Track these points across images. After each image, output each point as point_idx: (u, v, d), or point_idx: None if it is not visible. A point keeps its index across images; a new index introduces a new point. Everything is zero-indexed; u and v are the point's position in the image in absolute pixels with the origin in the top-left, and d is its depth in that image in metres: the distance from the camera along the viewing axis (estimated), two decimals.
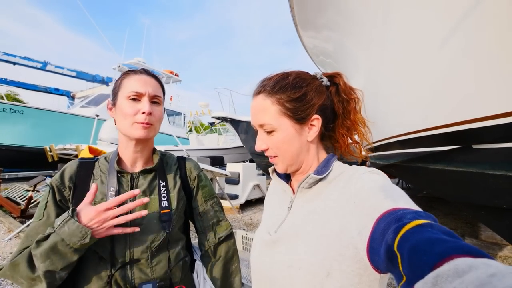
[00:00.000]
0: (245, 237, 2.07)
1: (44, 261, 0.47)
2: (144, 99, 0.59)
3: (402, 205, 0.32)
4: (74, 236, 0.47)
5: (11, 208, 3.68)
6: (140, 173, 0.62)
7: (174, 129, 9.41)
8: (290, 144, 0.46)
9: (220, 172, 3.55)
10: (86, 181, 0.60)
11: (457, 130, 1.39)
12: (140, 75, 0.60)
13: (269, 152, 0.48)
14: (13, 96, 17.43)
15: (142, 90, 0.58)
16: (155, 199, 0.62)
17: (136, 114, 0.58)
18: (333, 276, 0.38)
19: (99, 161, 0.63)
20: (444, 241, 0.23)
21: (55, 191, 0.57)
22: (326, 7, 1.73)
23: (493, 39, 1.10)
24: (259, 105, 0.47)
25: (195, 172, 0.72)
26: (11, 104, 7.22)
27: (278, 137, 0.46)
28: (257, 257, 0.50)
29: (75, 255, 0.49)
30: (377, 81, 1.90)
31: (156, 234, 0.59)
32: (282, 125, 0.45)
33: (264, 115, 0.46)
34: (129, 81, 0.59)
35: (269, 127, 0.46)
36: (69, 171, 0.60)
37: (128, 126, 0.58)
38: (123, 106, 0.58)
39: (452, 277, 0.18)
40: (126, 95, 0.58)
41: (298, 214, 0.46)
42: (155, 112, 0.60)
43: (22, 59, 9.44)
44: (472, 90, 1.26)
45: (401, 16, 1.40)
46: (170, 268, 0.60)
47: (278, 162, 0.48)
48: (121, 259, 0.56)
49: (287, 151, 0.46)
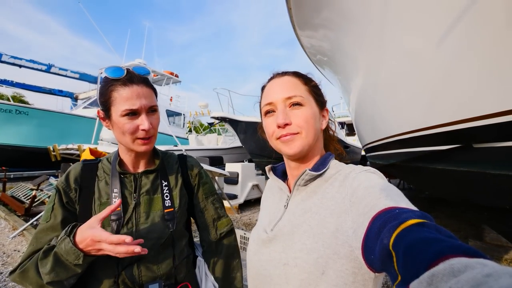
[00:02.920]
0: (243, 237, 2.06)
1: (49, 273, 0.47)
2: (142, 115, 0.56)
3: (398, 204, 0.32)
4: (69, 255, 0.47)
5: (16, 206, 3.75)
6: (143, 174, 0.63)
7: (174, 129, 9.46)
8: (315, 121, 0.47)
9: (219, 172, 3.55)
10: (91, 183, 0.60)
11: (457, 129, 1.36)
12: (131, 87, 0.55)
13: (291, 128, 0.45)
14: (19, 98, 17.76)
15: (137, 106, 0.55)
16: (158, 198, 0.63)
17: (136, 132, 0.56)
18: (328, 274, 0.38)
19: (102, 162, 0.64)
20: (440, 240, 0.23)
21: (61, 194, 0.58)
22: (323, 6, 1.71)
23: (494, 36, 1.07)
24: (288, 81, 0.48)
25: (196, 170, 0.72)
26: (16, 105, 7.36)
27: (307, 111, 0.46)
28: (253, 255, 0.50)
29: (77, 268, 0.48)
30: (376, 80, 1.88)
31: (162, 232, 0.60)
32: (310, 102, 0.47)
33: (295, 88, 0.47)
34: (120, 96, 0.55)
35: (299, 99, 0.46)
36: (74, 173, 0.60)
37: (129, 142, 0.57)
38: (121, 124, 0.55)
39: (447, 277, 0.18)
40: (121, 113, 0.54)
41: (294, 212, 0.46)
42: (153, 122, 0.58)
43: (27, 61, 9.61)
44: (473, 88, 1.23)
45: (399, 14, 1.38)
46: (175, 265, 0.60)
47: (299, 139, 0.45)
48: (129, 257, 0.55)
49: (312, 128, 0.46)
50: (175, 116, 10.47)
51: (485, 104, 1.19)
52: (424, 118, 1.58)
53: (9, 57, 9.17)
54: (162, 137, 8.68)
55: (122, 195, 0.59)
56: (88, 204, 0.58)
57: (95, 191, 0.60)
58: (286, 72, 0.50)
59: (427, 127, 1.56)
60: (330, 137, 0.55)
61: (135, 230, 0.58)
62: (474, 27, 1.11)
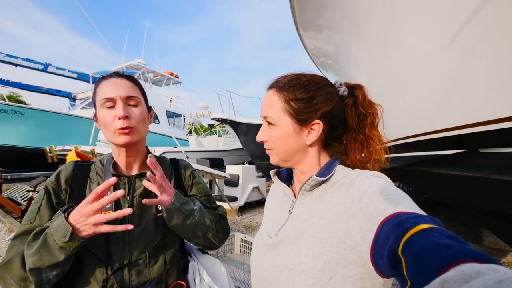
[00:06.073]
0: (243, 240, 2.02)
1: (33, 254, 0.46)
2: (118, 103, 0.57)
3: (407, 209, 0.32)
4: (58, 231, 0.46)
5: (12, 208, 3.68)
6: (137, 176, 0.62)
7: (174, 130, 9.41)
8: (285, 141, 0.47)
9: (219, 174, 3.52)
10: (83, 184, 0.59)
11: (463, 134, 1.35)
12: (110, 79, 0.58)
13: (267, 145, 0.50)
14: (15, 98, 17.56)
15: (113, 94, 0.56)
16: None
17: (113, 121, 0.56)
18: (335, 280, 0.37)
19: (95, 164, 0.63)
20: (450, 246, 0.22)
21: (51, 194, 0.56)
22: (327, 7, 1.70)
23: (503, 39, 1.06)
24: (267, 99, 0.49)
25: (189, 171, 0.73)
26: (12, 105, 7.26)
27: (276, 132, 0.47)
28: (258, 260, 0.50)
29: (61, 253, 0.47)
30: (380, 83, 1.86)
31: (154, 235, 0.60)
32: (282, 121, 0.46)
33: (269, 109, 0.48)
34: (101, 88, 0.58)
35: (270, 120, 0.48)
36: (65, 173, 0.59)
37: (111, 135, 0.57)
38: (101, 116, 0.57)
39: (458, 283, 0.17)
40: (100, 104, 0.57)
41: (299, 217, 0.46)
42: (132, 114, 0.58)
43: (23, 60, 9.50)
44: (480, 92, 1.22)
45: (405, 17, 1.36)
46: (166, 270, 0.60)
47: (272, 155, 0.50)
48: (120, 260, 0.55)
49: (282, 148, 0.48)
50: (175, 117, 10.42)
51: (493, 108, 1.18)
52: (429, 122, 1.57)
53: (4, 55, 9.06)
54: (162, 138, 8.63)
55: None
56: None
57: (87, 193, 0.58)
58: (272, 85, 0.49)
59: (432, 131, 1.55)
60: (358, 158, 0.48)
61: (128, 233, 0.58)
62: (480, 31, 1.10)
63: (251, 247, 2.04)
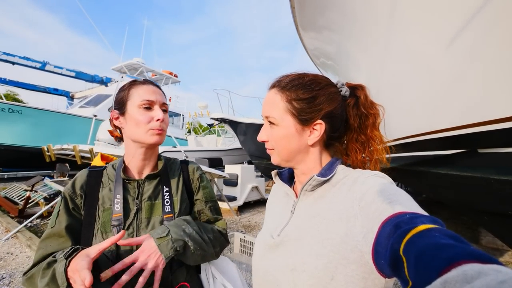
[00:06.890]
0: (243, 239, 2.02)
1: (44, 286, 0.49)
2: (156, 107, 0.63)
3: (408, 209, 0.32)
4: (59, 278, 0.48)
5: (9, 208, 3.65)
6: (146, 179, 0.65)
7: (173, 130, 9.41)
8: (287, 141, 0.47)
9: (218, 174, 3.52)
10: (96, 189, 0.63)
11: (462, 134, 1.36)
12: (148, 85, 0.65)
13: (268, 145, 0.50)
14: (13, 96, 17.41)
15: (153, 98, 0.63)
16: (159, 204, 0.65)
17: (150, 122, 0.61)
18: (337, 280, 0.38)
19: (107, 169, 0.67)
20: (452, 246, 0.22)
21: (67, 200, 0.60)
22: (328, 7, 1.69)
23: (503, 40, 1.06)
24: (269, 98, 0.48)
25: (198, 173, 0.75)
26: (9, 103, 7.20)
27: (278, 132, 0.47)
28: (260, 260, 0.50)
29: None
30: (379, 83, 1.87)
31: None
32: (284, 121, 0.46)
33: (271, 108, 0.47)
34: (138, 91, 0.63)
35: (272, 120, 0.47)
36: (80, 180, 0.64)
37: (143, 133, 0.61)
38: (136, 115, 0.61)
39: (460, 283, 0.17)
40: (138, 103, 0.61)
41: (301, 217, 0.46)
42: (165, 119, 0.64)
43: (21, 58, 9.42)
44: (479, 92, 1.23)
45: (406, 17, 1.37)
46: (172, 271, 0.61)
47: (274, 155, 0.50)
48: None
49: (284, 148, 0.47)
50: (174, 117, 10.41)
51: (492, 109, 1.19)
52: (428, 122, 1.57)
53: (1, 53, 8.98)
54: None
55: (125, 201, 0.61)
56: (93, 210, 0.61)
57: (100, 197, 0.62)
58: (274, 85, 0.49)
59: (432, 131, 1.56)
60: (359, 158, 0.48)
61: (136, 235, 0.60)
62: (481, 31, 1.10)
63: (251, 247, 2.05)
